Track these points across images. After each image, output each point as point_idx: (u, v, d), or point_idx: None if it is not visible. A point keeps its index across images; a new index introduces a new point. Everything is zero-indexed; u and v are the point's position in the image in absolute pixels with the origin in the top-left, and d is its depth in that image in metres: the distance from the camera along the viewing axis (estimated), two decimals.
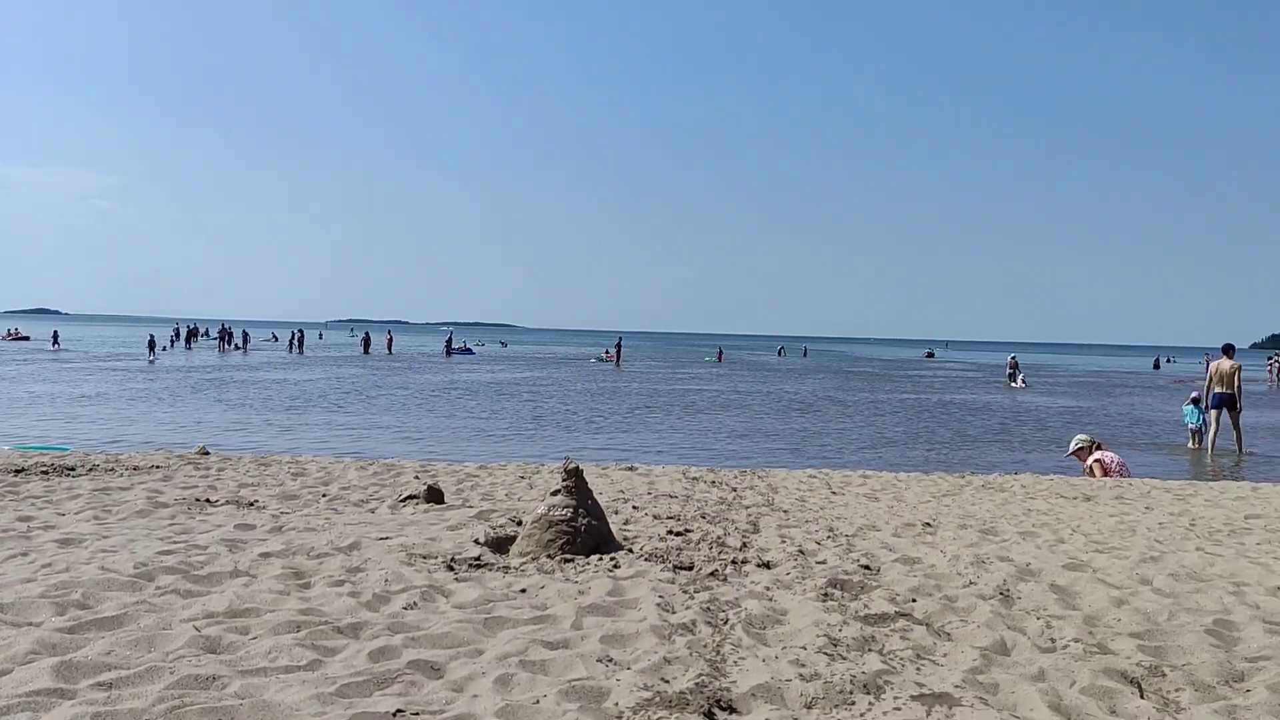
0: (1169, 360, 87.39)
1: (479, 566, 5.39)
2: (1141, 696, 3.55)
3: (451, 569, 5.29)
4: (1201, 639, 4.23)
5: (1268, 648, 4.15)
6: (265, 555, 5.47)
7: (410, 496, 7.73)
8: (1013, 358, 48.75)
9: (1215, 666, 3.87)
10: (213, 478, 8.89)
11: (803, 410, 26.40)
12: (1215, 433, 17.67)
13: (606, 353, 60.57)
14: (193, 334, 66.44)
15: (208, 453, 10.80)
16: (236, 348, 61.15)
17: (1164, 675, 3.78)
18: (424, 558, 5.53)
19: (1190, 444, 18.64)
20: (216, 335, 67.71)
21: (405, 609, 4.49)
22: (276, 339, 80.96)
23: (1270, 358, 57.01)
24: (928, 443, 18.92)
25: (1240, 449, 17.61)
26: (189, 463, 9.94)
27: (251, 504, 7.43)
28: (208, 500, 7.48)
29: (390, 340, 64.36)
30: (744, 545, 6.12)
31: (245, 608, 4.35)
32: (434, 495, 7.75)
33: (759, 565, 5.53)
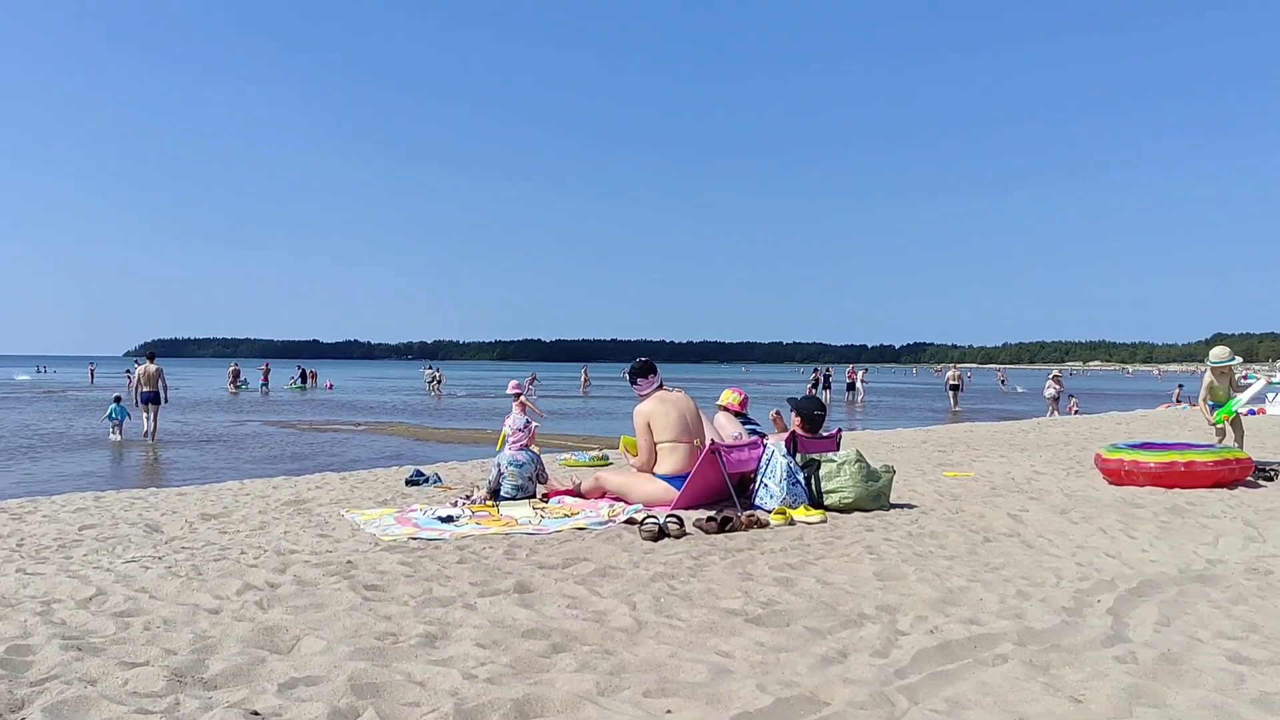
0: (41, 370, 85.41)
1: None
2: None
3: None
4: None
5: (59, 665, 4.06)
6: None
7: None
8: None
9: None
10: None
11: None
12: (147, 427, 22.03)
13: None
14: None
15: None
16: None
17: None
18: None
19: (111, 436, 22.22)
20: None
21: None
22: None
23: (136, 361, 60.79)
24: None
25: (154, 439, 21.78)
26: None
27: None
28: None
29: None
30: None
31: None
32: None
33: None
